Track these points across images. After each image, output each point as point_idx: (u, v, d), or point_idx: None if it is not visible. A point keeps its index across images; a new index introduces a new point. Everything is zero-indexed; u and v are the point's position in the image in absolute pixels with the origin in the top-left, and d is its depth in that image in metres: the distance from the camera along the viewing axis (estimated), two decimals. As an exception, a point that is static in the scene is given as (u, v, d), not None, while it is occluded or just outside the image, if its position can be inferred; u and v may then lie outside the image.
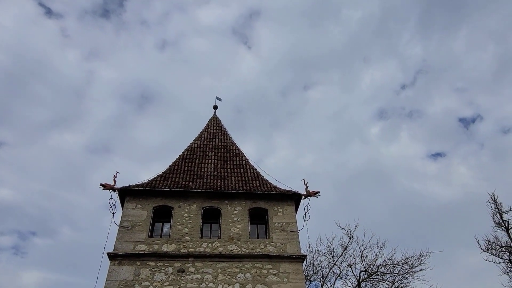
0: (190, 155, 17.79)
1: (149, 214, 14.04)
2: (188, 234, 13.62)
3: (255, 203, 14.89)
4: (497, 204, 24.51)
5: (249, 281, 12.58)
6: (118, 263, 12.55)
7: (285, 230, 14.22)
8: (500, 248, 23.66)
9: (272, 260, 13.19)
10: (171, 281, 12.29)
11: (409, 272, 20.15)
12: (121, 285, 12.02)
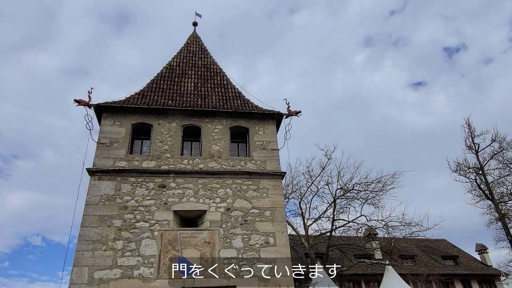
0: (169, 74, 17.08)
1: (127, 131, 13.77)
2: (169, 151, 13.57)
3: (236, 122, 14.77)
4: (470, 128, 25.42)
5: (230, 196, 12.93)
6: (98, 178, 12.56)
7: (266, 148, 14.34)
8: (468, 169, 25.10)
9: (252, 177, 13.47)
10: (152, 195, 12.49)
11: (382, 190, 21.27)
12: (103, 199, 12.15)
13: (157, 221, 12.02)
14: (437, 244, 42.67)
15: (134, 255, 11.30)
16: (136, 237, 11.61)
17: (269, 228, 12.49)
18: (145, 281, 10.92)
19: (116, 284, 10.72)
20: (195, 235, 11.99)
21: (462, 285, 37.65)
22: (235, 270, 11.52)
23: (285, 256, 12.08)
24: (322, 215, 22.52)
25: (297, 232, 23.33)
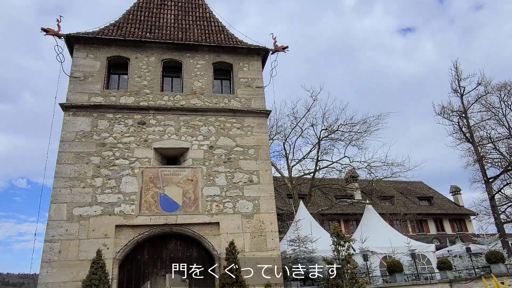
0: (146, 4, 15.71)
1: (102, 64, 12.83)
2: (148, 87, 12.82)
3: (219, 57, 13.93)
4: (458, 71, 25.16)
5: (213, 133, 12.52)
6: (73, 114, 11.86)
7: (251, 86, 13.72)
8: (452, 113, 25.22)
9: (236, 115, 13.00)
10: (131, 132, 11.96)
11: (367, 131, 21.28)
12: (79, 135, 11.56)
13: (137, 159, 11.62)
14: (414, 186, 44.36)
15: (115, 192, 11.01)
16: (115, 174, 11.25)
17: (253, 166, 12.29)
18: (126, 217, 10.76)
19: (96, 221, 10.53)
20: (177, 173, 11.71)
21: (434, 223, 39.92)
22: (218, 207, 11.45)
23: (269, 194, 12.04)
24: (306, 156, 22.61)
25: (281, 173, 23.54)
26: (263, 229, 11.45)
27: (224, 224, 11.24)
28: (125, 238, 10.65)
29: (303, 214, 17.30)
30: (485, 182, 23.44)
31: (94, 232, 10.39)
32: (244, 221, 11.43)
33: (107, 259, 10.09)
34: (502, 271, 14.21)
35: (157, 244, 11.26)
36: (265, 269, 10.92)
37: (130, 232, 10.76)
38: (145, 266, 10.93)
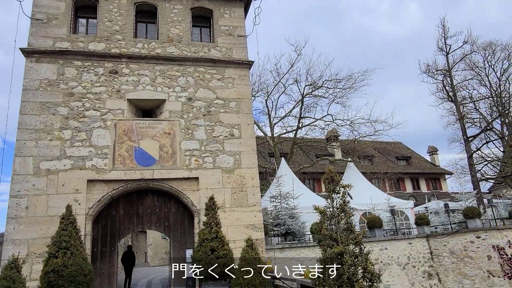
0: None
1: (68, 6, 11.56)
2: (120, 33, 11.73)
3: (198, 2, 12.81)
4: (444, 29, 24.57)
5: (191, 85, 11.72)
6: (36, 60, 10.77)
7: (232, 34, 12.78)
8: (436, 71, 24.92)
9: (217, 65, 12.16)
10: (102, 82, 11.03)
11: (352, 87, 20.80)
12: (44, 84, 10.57)
13: (110, 110, 10.80)
14: (393, 146, 45.04)
15: (85, 145, 10.28)
16: (86, 126, 10.45)
17: (234, 120, 11.68)
18: (99, 172, 10.13)
19: (66, 176, 9.87)
20: (153, 126, 11.00)
21: (411, 182, 41.02)
22: (197, 162, 10.92)
23: (251, 149, 11.55)
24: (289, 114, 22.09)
25: (263, 131, 23.07)
26: (244, 184, 11.07)
27: (203, 179, 10.78)
28: (98, 194, 10.07)
29: (284, 171, 17.07)
30: (465, 141, 23.72)
31: (64, 187, 9.75)
32: (225, 176, 10.99)
33: (79, 215, 9.55)
34: (478, 226, 14.53)
35: (133, 200, 10.77)
36: (246, 225, 10.66)
37: (104, 187, 10.17)
38: (121, 222, 10.48)
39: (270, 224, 13.63)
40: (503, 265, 8.94)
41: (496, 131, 26.48)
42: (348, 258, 2.82)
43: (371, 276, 2.79)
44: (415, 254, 15.07)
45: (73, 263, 7.90)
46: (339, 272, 2.76)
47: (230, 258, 8.80)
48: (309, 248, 13.11)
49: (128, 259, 15.08)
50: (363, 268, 2.82)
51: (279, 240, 13.68)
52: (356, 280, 2.75)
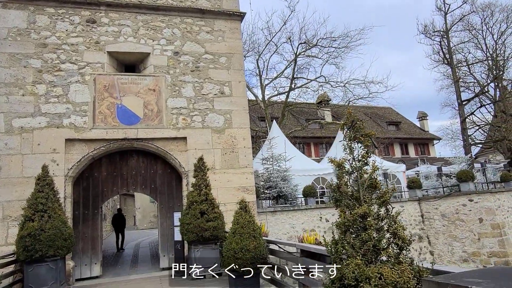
0: None
1: None
2: (97, -23, 10.54)
3: None
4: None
5: (178, 37, 10.76)
6: (3, 6, 9.62)
7: (222, -18, 11.67)
8: (434, 32, 24.07)
9: (205, 16, 11.16)
10: (79, 32, 9.99)
11: (347, 46, 19.90)
12: (13, 33, 9.50)
13: (88, 64, 9.86)
14: (383, 112, 44.78)
15: (62, 101, 9.42)
16: (62, 81, 9.55)
17: (225, 77, 10.88)
18: (78, 131, 9.36)
19: (42, 134, 9.08)
20: (137, 82, 10.14)
21: (400, 147, 41.21)
22: (185, 121, 10.21)
23: (242, 108, 10.85)
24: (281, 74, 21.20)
25: (253, 93, 22.24)
26: (235, 145, 10.47)
27: (192, 139, 10.12)
28: (78, 154, 9.36)
29: (276, 133, 16.50)
30: (459, 105, 23.36)
31: (40, 147, 9.00)
32: (215, 137, 10.35)
33: (58, 176, 8.87)
34: (471, 189, 14.39)
35: (116, 161, 10.10)
36: (237, 187, 10.17)
37: (84, 147, 9.45)
38: (104, 184, 9.86)
39: (261, 187, 13.21)
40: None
41: (489, 96, 26.16)
42: (373, 221, 2.26)
43: (401, 242, 2.23)
44: (406, 217, 14.97)
45: (51, 227, 7.31)
46: (362, 238, 2.20)
47: (221, 221, 8.35)
48: (301, 211, 12.81)
49: (119, 222, 15.62)
50: (391, 233, 2.25)
51: (271, 203, 13.34)
52: (383, 248, 2.19)
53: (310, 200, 13.44)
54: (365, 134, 2.46)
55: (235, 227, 5.38)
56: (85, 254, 9.29)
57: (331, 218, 13.33)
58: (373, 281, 2.01)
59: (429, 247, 15.01)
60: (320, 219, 13.06)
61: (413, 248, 14.66)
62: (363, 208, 2.23)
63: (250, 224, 5.37)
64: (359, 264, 2.09)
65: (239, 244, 5.18)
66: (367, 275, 2.02)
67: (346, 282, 2.05)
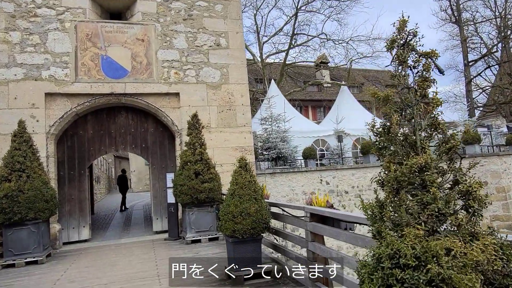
0: None
1: None
2: None
3: None
4: None
5: (168, -19, 9.63)
6: None
7: None
8: (442, -12, 22.62)
9: (199, -42, 9.97)
10: (56, -28, 8.84)
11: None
12: (-20, -29, 8.36)
13: (68, 9, 8.80)
14: (383, 75, 43.61)
15: (40, 51, 8.47)
16: (39, 28, 8.54)
17: (221, 27, 9.89)
18: (59, 84, 8.48)
19: (19, 87, 8.20)
20: (123, 30, 9.14)
21: (399, 111, 40.68)
22: (177, 75, 9.33)
23: (240, 62, 9.96)
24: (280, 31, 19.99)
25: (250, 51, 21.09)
26: (232, 102, 9.67)
27: (185, 95, 9.29)
28: (60, 110, 8.54)
29: (275, 93, 15.64)
30: (465, 66, 22.41)
31: (16, 101, 8.15)
32: (210, 93, 9.52)
33: (38, 133, 8.11)
34: (476, 152, 13.86)
35: (103, 118, 9.31)
36: (235, 147, 9.50)
37: (66, 102, 8.61)
38: (90, 143, 9.12)
39: (259, 148, 12.56)
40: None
41: (495, 57, 25.17)
42: (435, 176, 1.58)
43: (477, 205, 1.55)
44: (408, 181, 14.51)
45: (30, 188, 6.65)
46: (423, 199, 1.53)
47: (217, 182, 7.74)
48: (301, 173, 12.25)
49: (122, 182, 16.21)
50: (462, 192, 1.57)
51: (269, 165, 12.75)
52: (451, 213, 1.52)
53: (310, 162, 12.86)
54: (425, 53, 1.72)
55: (233, 188, 4.73)
56: (72, 216, 8.71)
57: (332, 181, 12.83)
58: (443, 259, 1.37)
59: (430, 210, 14.67)
60: (321, 181, 12.54)
61: (414, 211, 14.31)
62: (423, 157, 1.55)
63: (250, 185, 4.72)
64: (420, 236, 1.45)
65: (239, 207, 4.55)
66: (435, 252, 1.38)
67: (402, 261, 1.42)
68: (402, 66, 1.74)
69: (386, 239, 1.51)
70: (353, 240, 3.06)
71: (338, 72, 38.60)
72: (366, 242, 2.91)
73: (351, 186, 13.14)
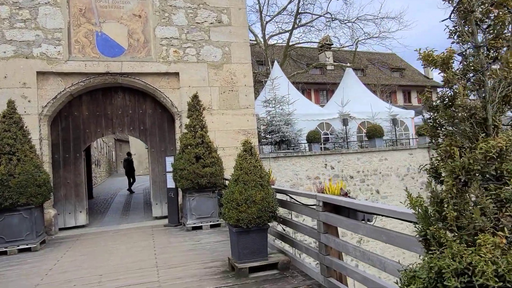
0: None
1: None
2: None
3: None
4: None
5: (167, -47, 9.02)
6: None
7: None
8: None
9: None
10: None
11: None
12: None
13: (60, -19, 8.25)
14: (387, 58, 42.76)
15: (30, 27, 7.96)
16: (28, 2, 8.00)
17: (223, 3, 9.32)
18: (51, 62, 8.00)
19: (8, 65, 7.74)
20: (119, 5, 8.60)
21: (403, 95, 39.97)
22: (177, 53, 8.83)
23: (243, 40, 9.43)
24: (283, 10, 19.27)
25: (252, 31, 20.40)
26: (234, 82, 9.20)
27: (185, 75, 8.82)
28: (53, 90, 8.09)
29: (278, 74, 15.10)
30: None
31: (7, 80, 7.70)
32: (211, 72, 9.04)
33: (30, 114, 7.69)
34: (486, 137, 13.42)
35: (99, 99, 8.86)
36: (237, 130, 9.08)
37: (60, 81, 8.15)
38: (86, 125, 8.70)
39: (262, 131, 12.14)
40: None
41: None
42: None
43: None
44: (415, 165, 14.14)
45: (21, 171, 6.28)
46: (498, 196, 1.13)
47: (219, 167, 7.35)
48: (305, 157, 11.85)
49: (128, 164, 16.61)
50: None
51: (272, 149, 12.35)
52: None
53: (315, 146, 12.45)
54: (498, 2, 1.29)
55: (238, 173, 4.33)
56: (68, 201, 8.37)
57: (337, 165, 12.44)
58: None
59: (436, 196, 14.34)
60: (325, 166, 12.16)
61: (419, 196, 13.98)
62: (502, 139, 1.15)
63: (256, 170, 4.32)
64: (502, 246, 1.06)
65: (243, 194, 4.17)
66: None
67: (479, 281, 1.02)
68: (467, 18, 1.32)
69: (450, 247, 1.12)
70: (376, 235, 2.68)
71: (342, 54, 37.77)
72: (391, 238, 2.52)
73: (356, 171, 12.77)
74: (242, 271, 4.23)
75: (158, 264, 5.00)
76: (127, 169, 16.42)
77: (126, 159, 16.99)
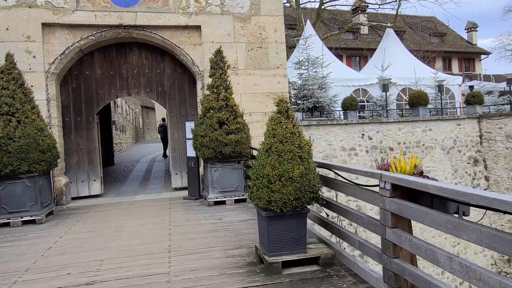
0: None
1: None
2: None
3: None
4: None
5: None
6: None
7: None
8: None
9: None
10: None
11: None
12: None
13: None
14: (426, 22, 39.60)
15: (33, -29, 7.00)
16: None
17: None
18: (57, 12, 7.07)
19: (10, 15, 6.87)
20: None
21: (442, 62, 37.16)
22: (198, 3, 7.69)
23: (274, -11, 8.13)
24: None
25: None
26: (264, 38, 8.01)
27: (207, 28, 7.71)
28: (60, 44, 7.21)
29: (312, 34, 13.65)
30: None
31: (9, 33, 6.86)
32: (237, 26, 7.88)
33: (35, 71, 6.90)
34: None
35: (112, 56, 7.93)
36: (266, 93, 7.99)
37: (67, 35, 7.25)
38: (99, 85, 7.85)
39: (293, 96, 10.98)
40: None
41: None
42: None
43: None
44: (462, 137, 12.68)
45: (22, 135, 5.53)
46: None
47: (245, 134, 6.35)
48: (340, 126, 10.68)
49: (164, 130, 15.72)
50: None
51: (303, 116, 11.22)
52: None
53: (351, 114, 11.22)
54: None
55: (270, 141, 3.32)
56: (81, 169, 7.69)
57: (375, 135, 11.21)
58: None
59: (485, 172, 12.92)
60: (362, 136, 10.96)
61: (466, 172, 12.62)
62: None
63: (294, 138, 3.30)
64: None
65: (277, 169, 3.17)
66: None
67: None
68: None
69: None
70: (494, 241, 1.63)
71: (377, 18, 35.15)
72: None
73: (397, 142, 11.49)
74: (273, 267, 3.29)
75: (171, 249, 4.16)
76: (162, 135, 15.98)
77: (162, 125, 16.62)
